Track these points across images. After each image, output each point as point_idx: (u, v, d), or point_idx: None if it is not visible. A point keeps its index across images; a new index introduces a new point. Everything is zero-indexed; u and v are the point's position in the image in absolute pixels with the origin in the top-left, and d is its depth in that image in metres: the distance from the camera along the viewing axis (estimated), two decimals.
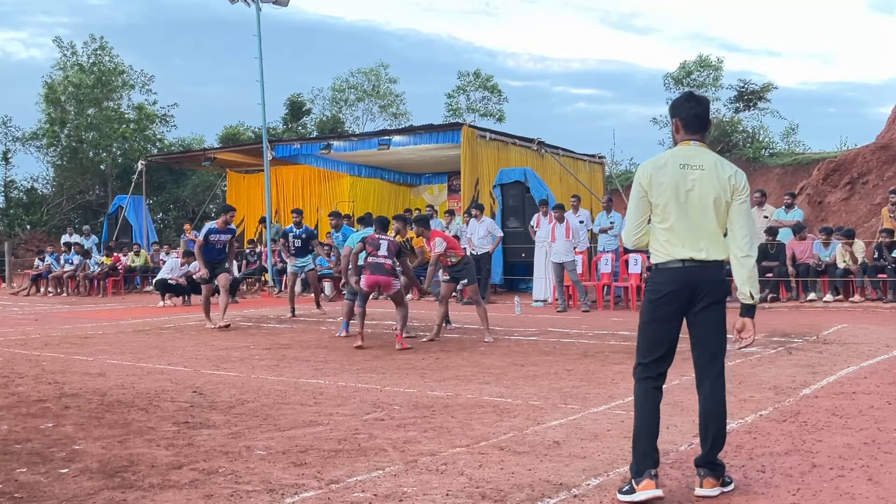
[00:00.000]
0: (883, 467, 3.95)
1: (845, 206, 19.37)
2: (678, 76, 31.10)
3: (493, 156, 18.74)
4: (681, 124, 3.76)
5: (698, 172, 3.63)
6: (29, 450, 4.54)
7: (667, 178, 3.64)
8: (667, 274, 3.66)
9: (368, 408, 5.59)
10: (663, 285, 3.66)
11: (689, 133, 3.74)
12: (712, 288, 3.63)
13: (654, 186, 3.67)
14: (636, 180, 3.75)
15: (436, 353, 8.43)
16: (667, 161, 3.69)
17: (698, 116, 3.74)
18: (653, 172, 3.69)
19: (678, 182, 3.63)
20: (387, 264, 9.15)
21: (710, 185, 3.62)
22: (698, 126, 3.74)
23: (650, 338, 3.71)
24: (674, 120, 3.80)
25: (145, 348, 9.20)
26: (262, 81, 19.54)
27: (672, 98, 21.06)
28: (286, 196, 24.33)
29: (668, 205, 3.64)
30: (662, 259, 3.68)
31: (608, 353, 8.19)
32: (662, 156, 3.74)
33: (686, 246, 3.62)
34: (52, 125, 33.60)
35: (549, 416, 5.24)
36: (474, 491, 3.66)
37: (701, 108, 3.76)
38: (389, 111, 39.79)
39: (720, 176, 3.64)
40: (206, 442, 4.66)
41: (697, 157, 3.67)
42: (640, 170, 3.77)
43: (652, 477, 3.48)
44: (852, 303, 12.87)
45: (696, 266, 3.61)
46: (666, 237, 3.66)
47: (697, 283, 3.62)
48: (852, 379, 6.42)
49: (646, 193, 3.70)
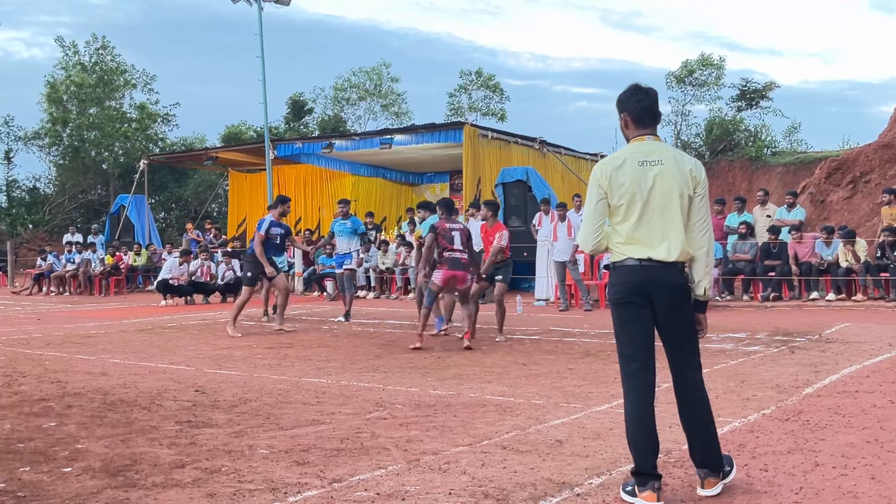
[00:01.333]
0: (886, 466, 3.94)
1: (847, 205, 19.35)
2: (680, 75, 31.07)
3: (495, 155, 18.75)
4: (630, 119, 3.62)
5: (658, 168, 3.49)
6: (32, 449, 4.55)
7: (627, 178, 3.49)
8: (623, 272, 3.54)
9: (371, 407, 5.59)
10: (622, 284, 3.54)
11: (639, 128, 3.60)
12: (671, 288, 3.49)
13: (615, 187, 3.51)
14: (593, 182, 3.58)
15: (438, 352, 8.42)
16: (625, 159, 3.53)
17: (647, 109, 3.60)
18: (612, 173, 3.53)
19: (639, 180, 3.48)
20: (463, 258, 8.73)
21: (672, 180, 3.48)
22: (649, 119, 3.60)
23: (626, 337, 3.57)
24: (622, 115, 3.64)
25: (147, 347, 9.21)
26: (264, 80, 19.58)
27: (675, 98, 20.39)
28: (288, 195, 24.29)
29: (631, 205, 3.50)
30: (619, 258, 3.56)
31: (610, 352, 8.18)
32: (619, 154, 3.59)
33: (646, 245, 3.49)
34: (54, 125, 33.65)
35: (552, 414, 5.23)
36: (477, 490, 3.66)
37: (649, 100, 3.61)
38: (391, 110, 39.81)
39: (681, 169, 3.51)
40: (209, 441, 4.66)
41: (655, 152, 3.53)
42: (596, 170, 3.60)
43: (654, 489, 3.38)
44: (855, 302, 12.86)
45: (654, 266, 3.48)
46: (624, 238, 3.53)
47: (654, 282, 3.48)
48: (855, 378, 6.41)
49: (605, 195, 3.54)
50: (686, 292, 3.55)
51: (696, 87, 31.07)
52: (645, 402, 3.51)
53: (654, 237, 3.49)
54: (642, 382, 3.53)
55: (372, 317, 12.78)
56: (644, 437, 3.47)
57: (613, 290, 3.57)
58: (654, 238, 3.49)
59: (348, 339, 9.93)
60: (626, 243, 3.52)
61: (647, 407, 3.51)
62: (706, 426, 3.57)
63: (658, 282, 3.48)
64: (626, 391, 3.57)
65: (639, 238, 3.50)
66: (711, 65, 30.89)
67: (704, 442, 3.55)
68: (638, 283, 3.49)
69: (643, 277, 3.48)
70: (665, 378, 3.69)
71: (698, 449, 3.56)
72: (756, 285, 13.77)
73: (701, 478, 3.55)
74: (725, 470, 3.59)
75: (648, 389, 3.53)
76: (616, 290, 3.56)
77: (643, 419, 3.50)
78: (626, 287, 3.52)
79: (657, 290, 3.48)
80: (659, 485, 3.41)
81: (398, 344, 9.26)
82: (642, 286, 3.48)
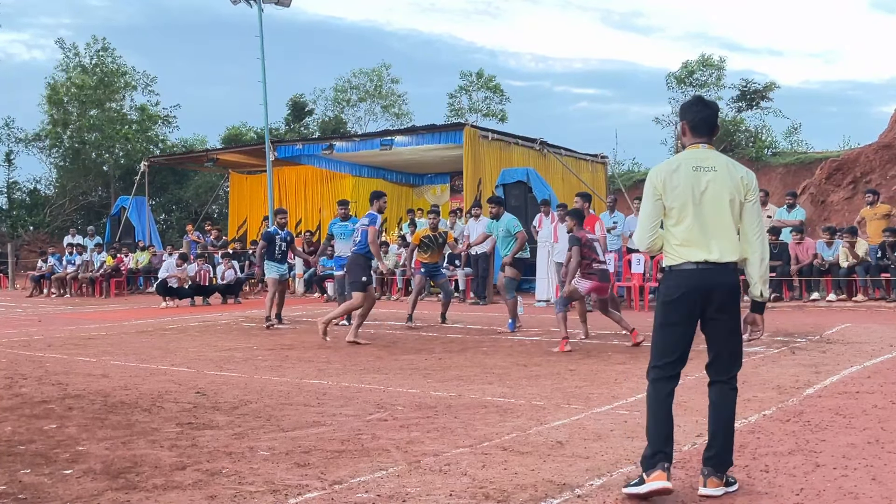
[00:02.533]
0: (887, 467, 3.94)
1: (848, 205, 19.35)
2: (681, 76, 31.10)
3: (496, 156, 18.75)
4: (688, 127, 3.81)
5: (711, 174, 3.67)
6: (33, 451, 4.55)
7: (681, 181, 3.68)
8: (680, 276, 3.68)
9: (371, 408, 5.59)
10: (677, 288, 3.67)
11: (696, 136, 3.79)
12: (726, 291, 3.66)
13: (669, 190, 3.70)
14: (649, 184, 3.77)
15: (438, 354, 8.43)
16: (679, 164, 3.73)
17: (706, 121, 3.79)
18: (666, 176, 3.72)
19: (693, 184, 3.67)
20: (608, 270, 8.97)
21: (724, 186, 3.66)
22: (706, 130, 3.79)
23: (664, 341, 3.72)
24: (682, 123, 3.85)
25: (148, 349, 9.21)
26: (265, 82, 19.59)
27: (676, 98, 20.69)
28: (288, 197, 24.34)
29: (684, 207, 3.67)
30: (676, 261, 3.70)
31: (611, 353, 8.19)
32: (674, 159, 3.79)
33: (700, 248, 3.65)
34: (54, 126, 33.68)
35: (553, 416, 5.23)
36: (478, 491, 3.66)
37: (709, 112, 3.81)
38: (392, 111, 39.82)
39: (733, 176, 3.69)
40: (210, 443, 4.66)
41: (709, 159, 3.72)
42: (652, 173, 3.80)
43: (664, 469, 3.50)
44: (855, 302, 12.85)
45: (710, 268, 3.64)
46: (679, 240, 3.69)
47: (711, 286, 3.64)
48: (856, 378, 6.41)
49: (660, 196, 3.73)
50: (737, 293, 3.73)
51: (697, 87, 31.08)
52: (666, 402, 3.70)
53: (708, 239, 3.65)
54: (667, 386, 3.72)
55: (373, 318, 12.76)
56: (659, 426, 3.65)
57: (668, 290, 3.71)
58: (708, 240, 3.65)
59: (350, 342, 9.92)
60: (681, 245, 3.69)
61: (668, 406, 3.69)
62: (729, 426, 3.71)
63: (713, 284, 3.65)
64: (651, 386, 3.75)
65: (693, 240, 3.67)
66: (712, 65, 30.93)
67: (723, 441, 3.66)
68: (695, 287, 3.65)
69: (700, 281, 3.65)
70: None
71: (715, 446, 3.65)
72: None
73: (704, 476, 3.60)
74: (729, 480, 3.64)
75: (670, 393, 3.72)
76: (671, 291, 3.70)
77: (660, 413, 3.68)
78: (681, 289, 3.67)
79: (712, 291, 3.65)
80: (669, 465, 3.52)
81: (399, 345, 9.27)
82: (698, 290, 3.65)
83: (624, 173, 31.00)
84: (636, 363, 7.42)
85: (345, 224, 11.80)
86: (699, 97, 3.98)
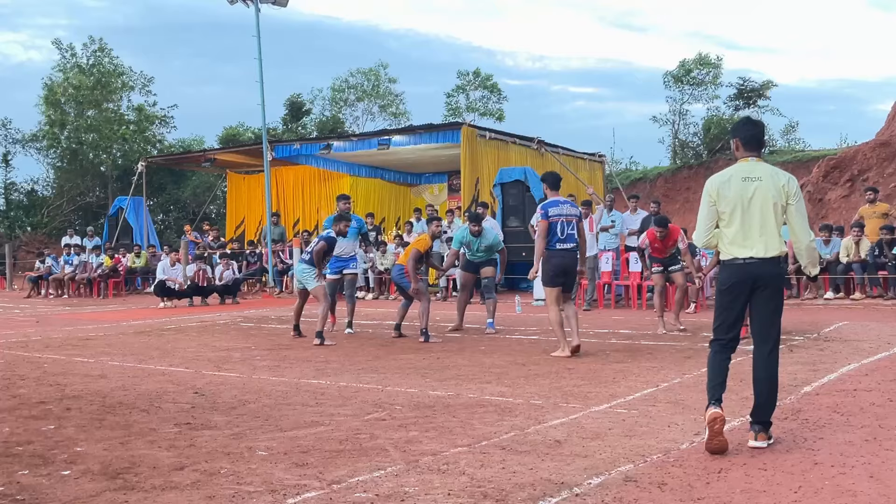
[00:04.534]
0: (884, 464, 3.95)
1: (845, 203, 19.37)
2: (678, 74, 31.08)
3: (493, 155, 18.75)
4: (740, 143, 4.55)
5: (757, 182, 4.42)
6: (31, 452, 4.55)
7: (732, 191, 4.45)
8: (731, 269, 4.48)
9: (370, 408, 5.59)
10: (729, 278, 4.49)
11: (747, 151, 4.53)
12: (770, 279, 4.43)
13: (722, 198, 4.48)
14: (706, 192, 4.55)
15: (437, 353, 8.43)
16: (731, 176, 4.49)
17: (755, 137, 4.54)
18: (719, 186, 4.50)
19: (742, 192, 4.43)
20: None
21: (768, 193, 4.41)
22: (755, 145, 4.54)
23: (724, 321, 4.50)
24: (734, 140, 4.58)
25: (146, 350, 9.20)
26: (262, 82, 19.58)
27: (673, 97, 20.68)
28: (286, 196, 24.34)
29: (734, 211, 4.44)
30: (728, 257, 4.49)
31: (609, 352, 8.19)
32: (726, 171, 4.55)
33: (747, 246, 4.42)
34: (51, 127, 33.60)
35: (551, 415, 5.24)
36: (476, 490, 3.66)
37: (757, 129, 4.59)
38: (389, 111, 39.80)
39: (776, 184, 4.42)
40: (208, 443, 4.66)
41: (755, 170, 4.46)
42: (708, 184, 4.58)
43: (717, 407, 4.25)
44: (853, 300, 12.88)
45: (757, 262, 4.40)
46: (730, 239, 4.47)
47: (757, 276, 4.41)
48: (853, 376, 6.42)
49: (714, 202, 4.51)
50: (780, 280, 4.53)
51: (694, 86, 31.09)
52: (723, 366, 4.49)
53: (755, 238, 4.42)
54: (725, 354, 4.51)
55: (371, 318, 12.78)
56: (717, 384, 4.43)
57: (723, 281, 4.54)
58: (755, 239, 4.42)
59: (347, 340, 9.93)
60: (731, 244, 4.47)
61: (724, 368, 4.49)
62: (772, 390, 4.44)
63: (759, 275, 4.42)
64: (712, 354, 4.53)
65: (740, 240, 4.44)
66: (709, 64, 30.89)
67: (767, 402, 4.39)
68: (743, 278, 4.43)
69: (747, 272, 4.43)
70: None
71: (761, 408, 4.39)
72: None
73: (755, 432, 4.35)
74: (770, 435, 4.37)
75: (726, 359, 4.52)
76: (724, 281, 4.53)
77: (717, 376, 4.45)
78: (732, 279, 4.47)
79: (758, 281, 4.42)
80: (719, 406, 4.29)
81: (397, 345, 9.27)
82: (746, 280, 4.43)
83: (621, 172, 31.00)
84: (634, 362, 7.43)
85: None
86: (748, 118, 4.81)
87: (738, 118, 29.32)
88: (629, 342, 8.93)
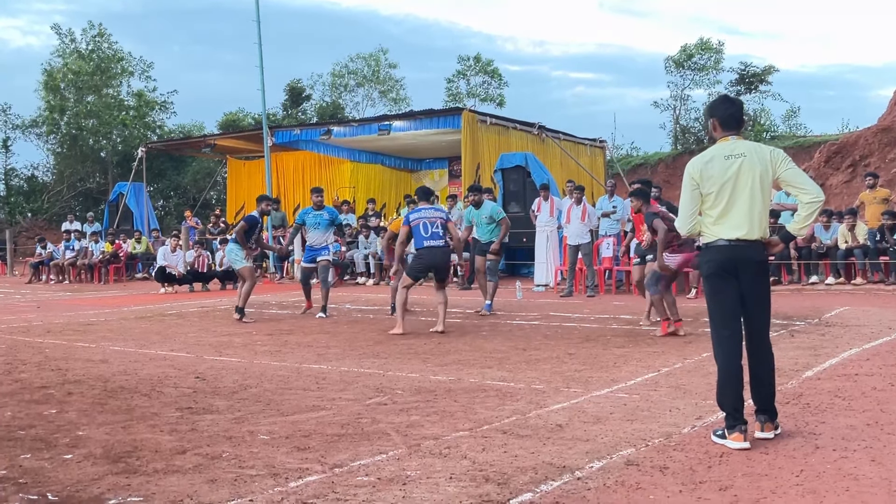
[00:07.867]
0: (886, 448, 3.95)
1: (847, 188, 19.36)
2: (679, 59, 30.97)
3: (494, 140, 18.70)
4: (718, 123, 4.32)
5: (741, 159, 4.18)
6: (33, 436, 4.55)
7: (715, 170, 4.21)
8: (714, 251, 4.21)
9: (371, 392, 5.59)
10: (713, 261, 4.22)
11: (726, 130, 4.31)
12: (754, 264, 4.16)
13: (705, 179, 4.22)
14: (688, 175, 4.30)
15: (438, 338, 8.43)
16: (713, 156, 4.25)
17: (733, 116, 4.32)
18: (702, 167, 4.25)
19: (726, 170, 4.19)
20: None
21: (755, 167, 4.16)
22: (734, 124, 4.31)
23: (719, 310, 4.23)
24: (711, 120, 4.36)
25: (147, 335, 9.21)
26: (262, 67, 19.50)
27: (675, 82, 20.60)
28: (287, 182, 24.30)
29: (721, 191, 4.18)
30: (710, 239, 4.23)
31: (610, 337, 8.19)
32: (707, 152, 4.31)
33: (735, 226, 4.15)
34: (51, 113, 33.55)
35: (552, 399, 5.24)
36: (478, 474, 3.66)
37: (735, 108, 4.36)
38: (389, 96, 39.74)
39: (761, 157, 4.19)
40: (210, 427, 4.66)
41: (738, 147, 4.23)
42: (690, 166, 4.32)
43: (742, 432, 3.99)
44: (854, 285, 12.87)
45: (743, 245, 4.15)
46: (714, 219, 4.21)
47: (741, 258, 4.15)
48: (854, 361, 6.42)
49: (697, 185, 4.25)
50: (764, 266, 4.25)
51: (695, 71, 31.01)
52: (734, 364, 4.14)
53: (741, 218, 4.16)
54: (732, 348, 4.17)
55: (371, 303, 12.79)
56: (732, 391, 4.11)
57: (706, 266, 4.27)
58: (741, 219, 4.15)
59: (348, 325, 9.93)
60: (715, 224, 4.21)
61: (737, 368, 4.14)
62: (770, 378, 4.21)
63: (744, 258, 4.16)
64: (717, 353, 4.22)
65: (726, 220, 4.18)
66: (710, 49, 30.81)
67: (767, 392, 4.18)
68: (727, 260, 4.18)
69: (732, 255, 4.17)
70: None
71: (761, 398, 4.18)
72: None
73: (761, 422, 4.14)
74: (777, 424, 4.19)
75: (736, 353, 4.16)
76: (709, 266, 4.25)
77: (731, 378, 4.13)
78: (716, 263, 4.21)
79: (743, 265, 4.16)
80: (745, 429, 4.02)
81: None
82: (731, 262, 4.17)
83: (622, 157, 30.96)
84: (635, 347, 7.43)
85: (319, 213, 11.18)
86: (726, 96, 4.54)
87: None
88: (630, 327, 8.93)
